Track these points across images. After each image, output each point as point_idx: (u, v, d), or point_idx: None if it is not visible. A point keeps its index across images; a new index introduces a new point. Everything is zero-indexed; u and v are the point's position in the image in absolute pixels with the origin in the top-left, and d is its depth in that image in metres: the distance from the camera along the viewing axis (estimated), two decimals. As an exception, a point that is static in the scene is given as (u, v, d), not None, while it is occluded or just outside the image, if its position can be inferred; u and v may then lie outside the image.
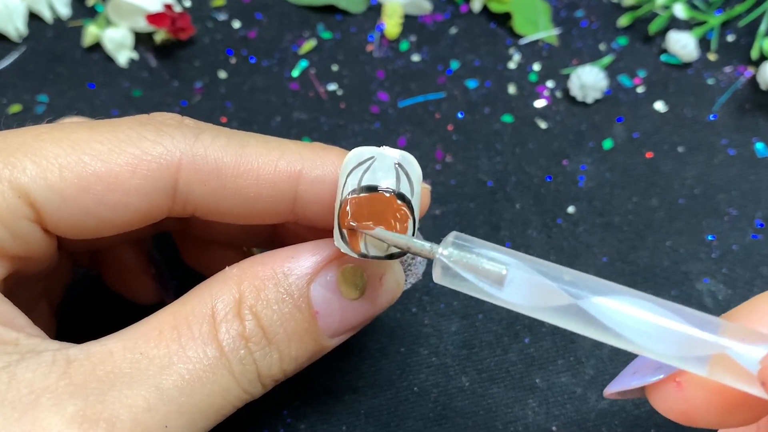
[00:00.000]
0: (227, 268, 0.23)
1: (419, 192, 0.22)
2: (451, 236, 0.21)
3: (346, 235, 0.22)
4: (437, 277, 0.21)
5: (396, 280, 0.25)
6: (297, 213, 0.24)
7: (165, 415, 0.21)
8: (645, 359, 0.22)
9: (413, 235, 0.22)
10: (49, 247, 0.24)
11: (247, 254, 0.27)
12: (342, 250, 0.22)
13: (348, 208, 0.22)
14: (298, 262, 0.23)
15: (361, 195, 0.22)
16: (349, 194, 0.22)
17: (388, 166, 0.22)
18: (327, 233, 0.23)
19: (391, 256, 0.22)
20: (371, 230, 0.21)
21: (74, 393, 0.20)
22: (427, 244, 0.21)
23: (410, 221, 0.22)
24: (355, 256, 0.22)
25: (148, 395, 0.20)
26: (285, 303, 0.23)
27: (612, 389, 0.22)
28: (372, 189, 0.22)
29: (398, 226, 0.22)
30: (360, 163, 0.22)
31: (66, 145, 0.22)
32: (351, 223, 0.21)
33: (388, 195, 0.22)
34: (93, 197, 0.22)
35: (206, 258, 0.31)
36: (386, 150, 0.22)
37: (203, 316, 0.22)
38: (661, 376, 0.20)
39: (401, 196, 0.22)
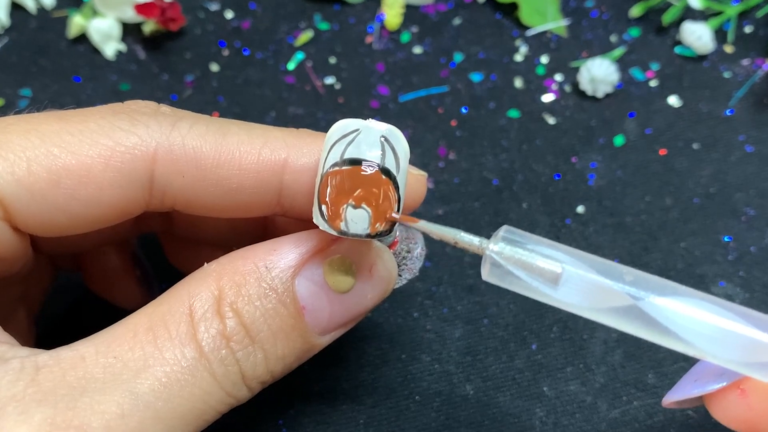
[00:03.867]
0: (206, 264, 0.23)
1: (405, 169, 0.22)
2: (502, 230, 0.21)
3: (326, 211, 0.21)
4: (485, 274, 0.21)
5: (387, 270, 0.24)
6: (284, 205, 0.24)
7: (140, 421, 0.20)
8: (706, 365, 0.21)
9: (398, 212, 0.21)
10: (21, 247, 0.23)
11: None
12: (320, 227, 0.21)
13: (329, 182, 0.21)
14: (281, 255, 0.22)
15: (344, 168, 0.21)
16: (330, 167, 0.21)
17: (374, 140, 0.21)
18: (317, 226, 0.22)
19: (373, 236, 0.21)
20: (416, 222, 0.21)
21: (42, 400, 0.19)
22: (476, 239, 0.21)
23: (395, 198, 0.21)
24: (335, 233, 0.21)
25: (122, 401, 0.20)
26: (268, 299, 0.22)
27: (671, 398, 0.22)
28: (355, 162, 0.21)
29: (382, 202, 0.21)
30: (344, 136, 0.21)
31: (34, 137, 0.21)
32: (394, 215, 0.21)
33: (372, 169, 0.21)
34: (64, 192, 0.22)
35: (193, 259, 0.31)
36: (372, 123, 0.21)
37: (180, 316, 0.21)
38: (724, 384, 0.20)
39: (386, 171, 0.21)
